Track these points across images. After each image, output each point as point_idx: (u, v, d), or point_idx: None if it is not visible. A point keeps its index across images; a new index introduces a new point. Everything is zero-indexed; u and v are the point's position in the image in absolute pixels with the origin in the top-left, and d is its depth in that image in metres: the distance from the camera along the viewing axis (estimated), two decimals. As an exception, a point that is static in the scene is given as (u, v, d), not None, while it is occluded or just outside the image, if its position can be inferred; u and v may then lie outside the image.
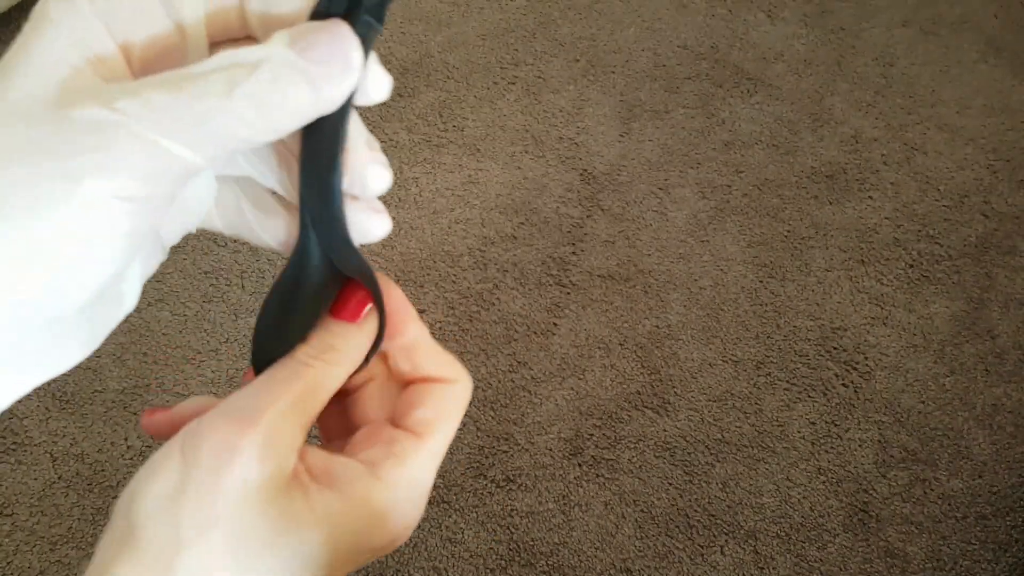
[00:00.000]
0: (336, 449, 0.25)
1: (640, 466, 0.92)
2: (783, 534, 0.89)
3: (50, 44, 0.19)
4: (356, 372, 0.25)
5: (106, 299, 0.21)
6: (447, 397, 0.25)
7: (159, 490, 0.20)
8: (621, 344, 0.99)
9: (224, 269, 1.03)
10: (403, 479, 0.23)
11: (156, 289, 1.01)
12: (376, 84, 0.22)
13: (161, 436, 0.25)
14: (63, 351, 0.21)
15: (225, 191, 0.25)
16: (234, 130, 0.19)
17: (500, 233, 1.06)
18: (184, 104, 0.18)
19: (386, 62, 1.20)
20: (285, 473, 0.21)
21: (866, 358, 0.99)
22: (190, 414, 0.25)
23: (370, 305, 0.24)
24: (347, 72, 0.20)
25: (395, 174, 1.11)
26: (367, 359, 0.25)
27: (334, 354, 0.23)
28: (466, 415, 0.94)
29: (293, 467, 0.22)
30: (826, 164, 1.13)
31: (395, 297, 0.25)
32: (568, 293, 1.02)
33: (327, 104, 0.20)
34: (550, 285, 1.02)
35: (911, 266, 1.05)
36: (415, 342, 0.25)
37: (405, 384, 0.26)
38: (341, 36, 0.20)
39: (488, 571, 0.87)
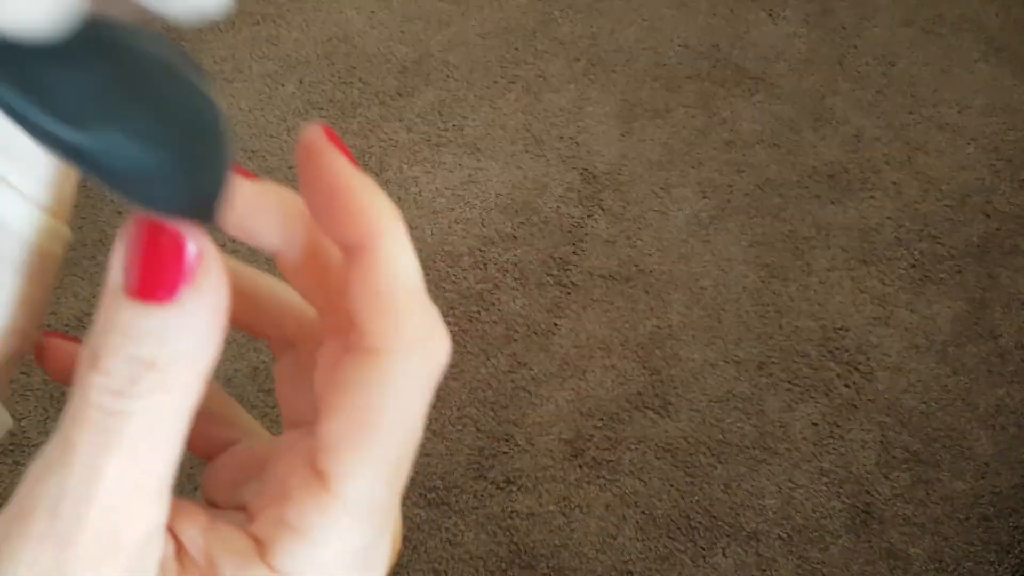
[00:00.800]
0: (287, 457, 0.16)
1: (641, 467, 0.91)
2: (785, 536, 0.88)
3: None
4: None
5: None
6: (369, 391, 0.15)
7: None
8: (622, 344, 0.98)
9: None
10: (308, 565, 0.15)
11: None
12: None
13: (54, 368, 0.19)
14: None
15: None
16: None
17: (500, 233, 1.06)
18: None
19: (386, 61, 1.20)
20: (144, 572, 0.14)
21: (868, 359, 0.98)
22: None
23: (194, 251, 0.13)
24: None
25: (395, 174, 1.11)
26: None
27: (160, 377, 0.14)
28: (466, 416, 0.94)
29: (160, 559, 0.14)
30: (828, 163, 1.13)
31: (339, 165, 0.15)
32: (569, 293, 1.01)
33: None
34: (550, 285, 1.02)
35: (913, 266, 1.05)
36: (367, 264, 0.15)
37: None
38: None
39: (488, 573, 0.86)
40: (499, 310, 1.00)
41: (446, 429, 0.93)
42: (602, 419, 0.94)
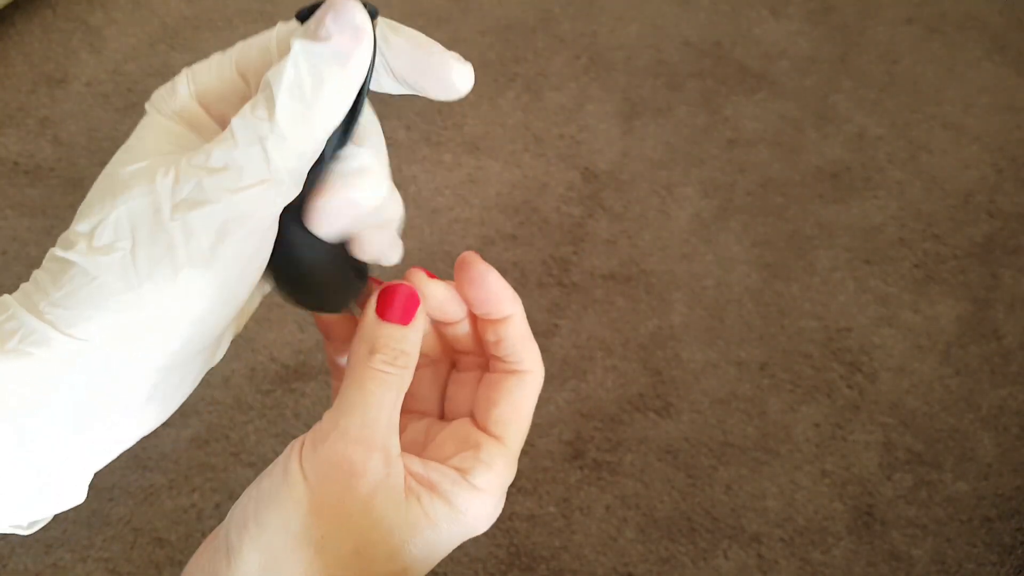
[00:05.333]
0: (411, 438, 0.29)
1: (642, 469, 0.91)
2: (787, 538, 0.88)
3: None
4: None
5: (211, 347, 0.25)
6: (523, 394, 0.28)
7: (289, 524, 0.23)
8: (623, 345, 0.97)
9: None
10: (493, 484, 0.26)
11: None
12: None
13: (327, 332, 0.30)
14: (170, 401, 0.25)
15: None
16: (297, 146, 0.21)
17: (500, 232, 1.05)
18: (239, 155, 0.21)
19: (385, 59, 1.19)
20: (400, 478, 0.24)
21: (871, 359, 0.98)
22: (337, 318, 0.29)
23: (421, 306, 0.26)
24: (359, 33, 0.21)
25: (394, 172, 1.10)
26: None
27: (406, 358, 0.25)
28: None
29: (403, 474, 0.25)
30: (831, 162, 1.12)
31: (492, 279, 0.27)
32: (569, 293, 1.01)
33: (357, 70, 0.22)
34: (551, 285, 1.01)
35: (916, 266, 1.04)
36: (510, 325, 0.28)
37: (479, 363, 0.29)
38: (340, 6, 0.21)
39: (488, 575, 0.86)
40: (499, 310, 0.99)
41: (445, 430, 0.92)
42: (602, 420, 0.93)
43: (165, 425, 1.00)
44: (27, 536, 0.86)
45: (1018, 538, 0.89)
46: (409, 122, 1.14)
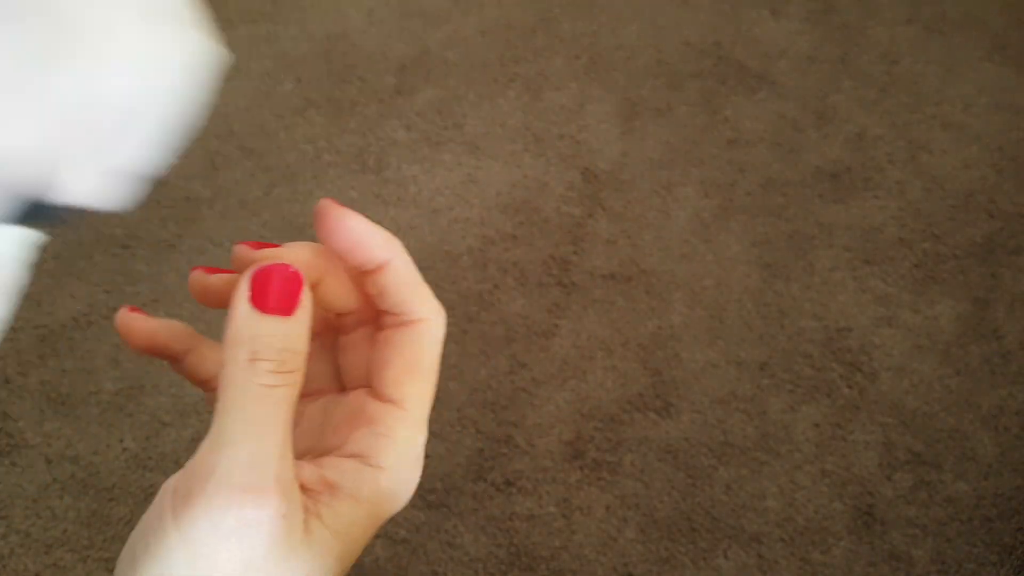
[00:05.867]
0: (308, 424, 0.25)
1: (642, 469, 0.91)
2: (787, 538, 0.88)
3: None
4: None
5: None
6: (416, 346, 0.23)
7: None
8: (623, 345, 0.97)
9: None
10: (398, 456, 0.23)
11: (151, 289, 1.00)
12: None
13: (132, 341, 0.26)
14: None
15: None
16: None
17: (500, 232, 1.05)
18: None
19: (384, 58, 1.19)
20: (299, 511, 0.21)
21: (871, 359, 0.98)
22: (164, 338, 0.26)
23: (306, 287, 0.21)
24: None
25: (394, 172, 1.10)
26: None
27: (296, 358, 0.21)
28: (466, 417, 0.93)
29: (300, 499, 0.21)
30: (831, 162, 1.12)
31: (353, 225, 0.23)
32: (569, 293, 1.01)
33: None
34: (551, 285, 1.01)
35: (916, 266, 1.04)
36: (389, 273, 0.23)
37: (364, 319, 0.25)
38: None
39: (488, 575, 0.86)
40: (499, 310, 0.99)
41: (445, 431, 0.92)
42: (603, 420, 0.93)
43: (165, 425, 0.99)
44: (27, 536, 0.86)
45: (1018, 538, 0.89)
46: (409, 122, 1.14)
